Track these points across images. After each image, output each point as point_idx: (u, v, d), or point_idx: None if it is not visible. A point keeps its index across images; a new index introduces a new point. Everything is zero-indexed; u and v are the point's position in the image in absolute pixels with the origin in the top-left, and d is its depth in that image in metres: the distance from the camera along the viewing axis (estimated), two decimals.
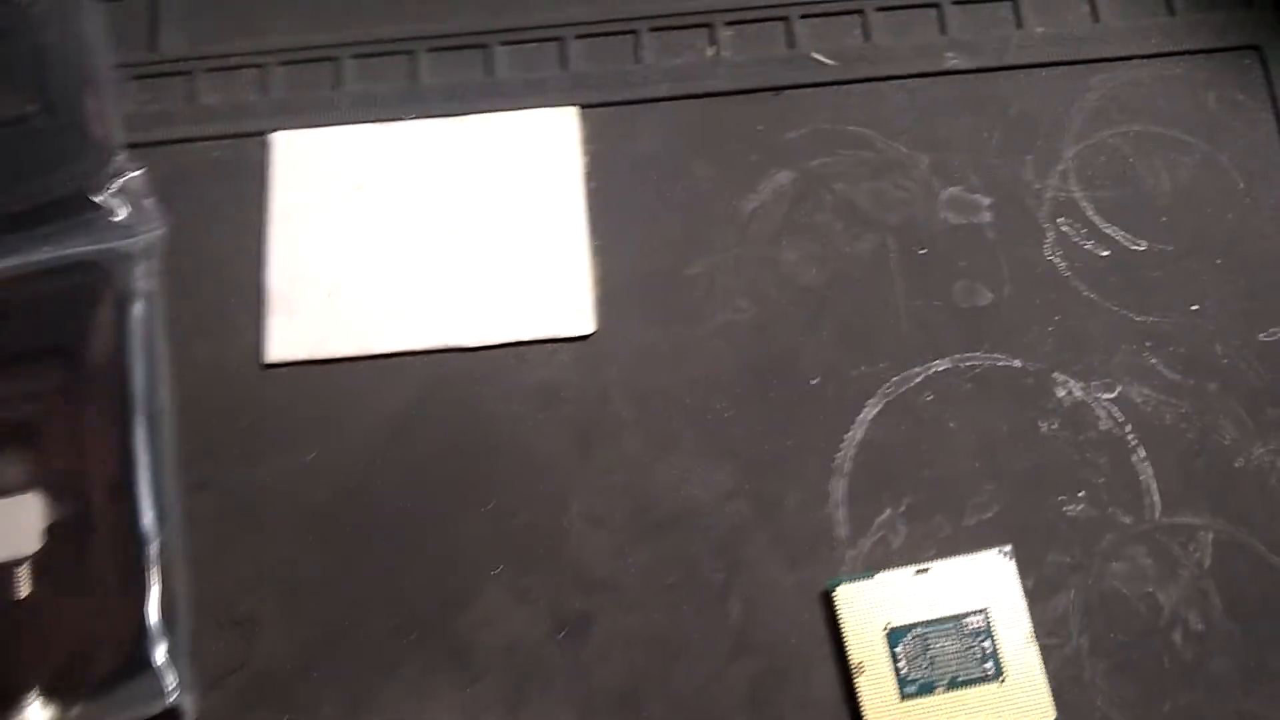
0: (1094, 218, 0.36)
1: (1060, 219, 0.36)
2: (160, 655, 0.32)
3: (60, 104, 0.36)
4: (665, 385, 0.35)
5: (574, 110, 0.38)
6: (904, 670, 0.32)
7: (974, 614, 0.32)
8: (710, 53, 0.38)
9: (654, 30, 0.39)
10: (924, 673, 0.32)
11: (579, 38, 0.39)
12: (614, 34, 0.39)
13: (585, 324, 0.36)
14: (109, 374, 0.34)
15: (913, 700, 0.32)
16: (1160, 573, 0.33)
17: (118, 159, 0.36)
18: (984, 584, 0.32)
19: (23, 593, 0.32)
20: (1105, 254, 0.36)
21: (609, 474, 0.34)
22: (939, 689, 0.32)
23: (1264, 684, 0.32)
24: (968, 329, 0.35)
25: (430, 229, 0.37)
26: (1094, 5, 0.39)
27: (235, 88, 0.39)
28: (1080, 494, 0.34)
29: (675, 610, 0.33)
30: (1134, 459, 0.34)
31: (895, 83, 0.38)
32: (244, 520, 0.34)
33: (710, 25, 0.39)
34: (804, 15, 0.39)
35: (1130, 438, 0.34)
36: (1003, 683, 0.32)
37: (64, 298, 0.35)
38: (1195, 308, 0.35)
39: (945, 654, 0.32)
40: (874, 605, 0.32)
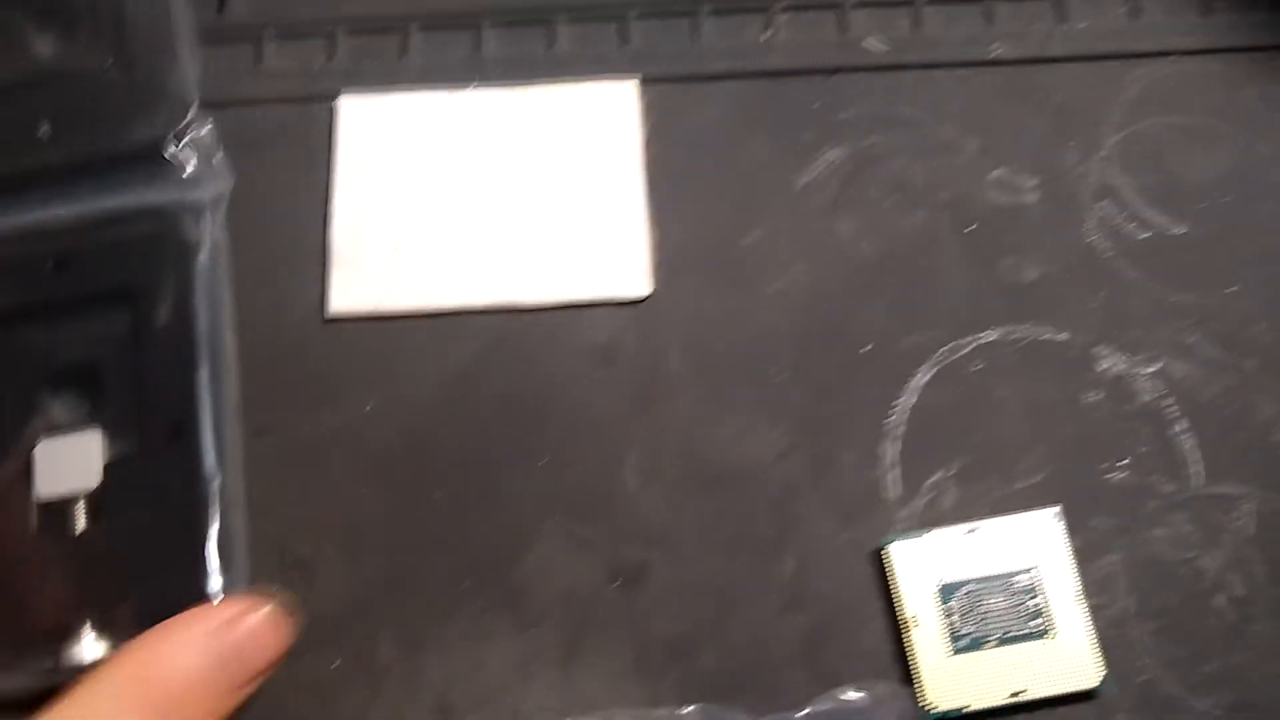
0: (1135, 202, 0.38)
1: (1102, 202, 0.38)
2: (217, 591, 0.32)
3: (139, 57, 0.36)
4: (721, 348, 0.36)
5: (634, 83, 0.39)
6: (956, 625, 0.32)
7: (1023, 572, 0.33)
8: (766, 35, 0.40)
9: (713, 14, 0.40)
10: (975, 628, 0.32)
11: (640, 17, 0.40)
12: (674, 14, 0.40)
13: (642, 287, 0.37)
14: (174, 319, 0.34)
15: (964, 655, 0.32)
16: (1203, 539, 0.34)
17: (191, 114, 0.36)
18: (1033, 543, 0.33)
19: (82, 527, 0.33)
20: (1145, 236, 0.37)
21: (664, 431, 0.35)
22: (990, 644, 0.32)
23: None
24: (1014, 303, 0.36)
25: (491, 192, 0.38)
26: (1135, 2, 0.40)
27: (302, 54, 0.40)
28: (1123, 462, 0.35)
29: (730, 563, 0.34)
30: (1175, 430, 0.35)
31: (943, 70, 0.39)
32: (305, 466, 0.35)
33: (766, 9, 0.40)
34: (857, 4, 0.40)
35: (1171, 410, 0.35)
36: (1053, 639, 0.32)
37: (131, 244, 0.35)
38: (1233, 289, 0.37)
39: (996, 610, 0.33)
40: (926, 561, 0.33)
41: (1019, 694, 0.32)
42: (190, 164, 0.36)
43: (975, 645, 0.32)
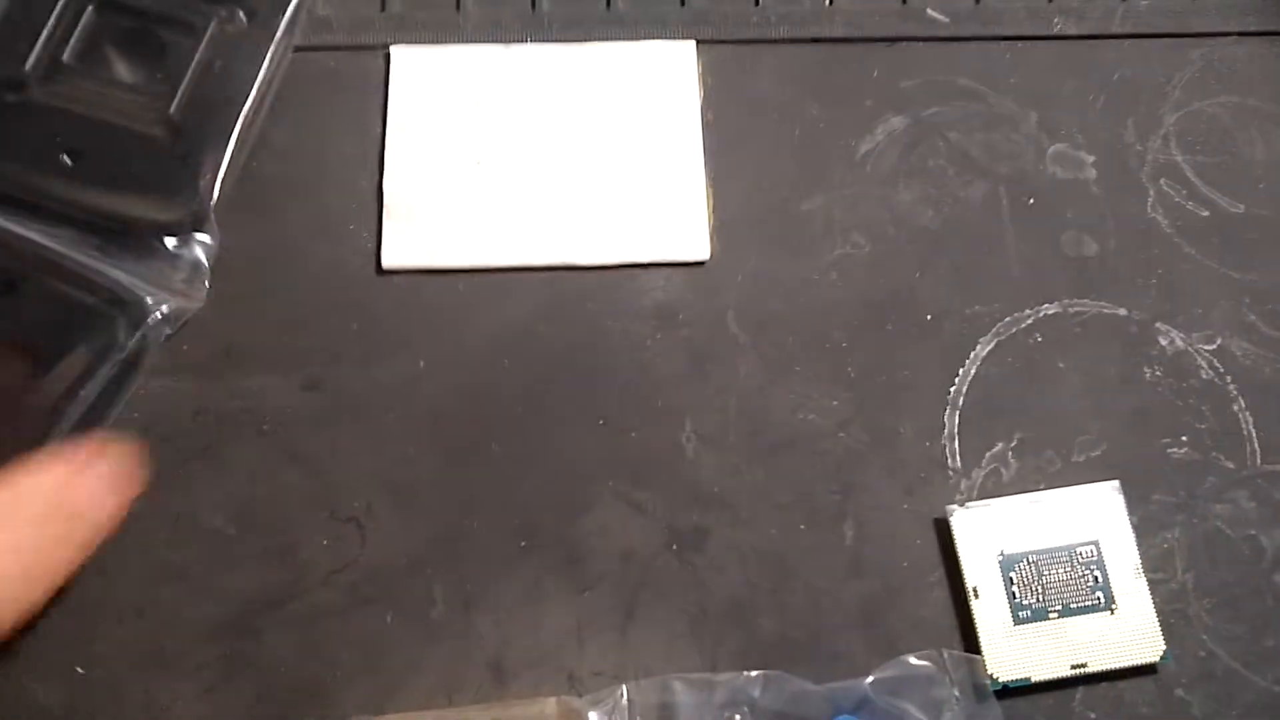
0: (1194, 180, 0.38)
1: (1162, 179, 0.38)
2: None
3: (190, 136, 0.35)
4: (781, 313, 0.36)
5: (692, 44, 0.38)
6: (1017, 596, 0.32)
7: (1085, 545, 0.33)
8: (827, 2, 0.39)
9: None
10: (1037, 599, 0.32)
11: None
12: None
13: (701, 250, 0.36)
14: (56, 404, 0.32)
15: (1026, 625, 0.32)
16: (1263, 516, 0.34)
17: (207, 222, 0.35)
18: (1094, 516, 0.33)
19: None
20: (1205, 214, 0.37)
21: (724, 395, 0.35)
22: (1051, 615, 0.32)
23: None
24: (1075, 277, 0.36)
25: (547, 150, 0.37)
26: None
27: (352, 2, 0.39)
28: (1183, 438, 0.35)
29: (790, 529, 0.33)
30: (1235, 408, 0.35)
31: (1004, 43, 0.39)
32: (357, 420, 0.34)
33: None
34: None
35: (1231, 388, 0.35)
36: (1113, 613, 0.32)
37: (72, 307, 0.33)
38: None
39: (1057, 582, 0.32)
40: (988, 532, 0.33)
41: (1080, 666, 0.32)
42: (180, 269, 0.34)
43: (1037, 617, 0.32)
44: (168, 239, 0.34)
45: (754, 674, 0.31)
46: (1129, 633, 0.32)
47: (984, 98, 0.38)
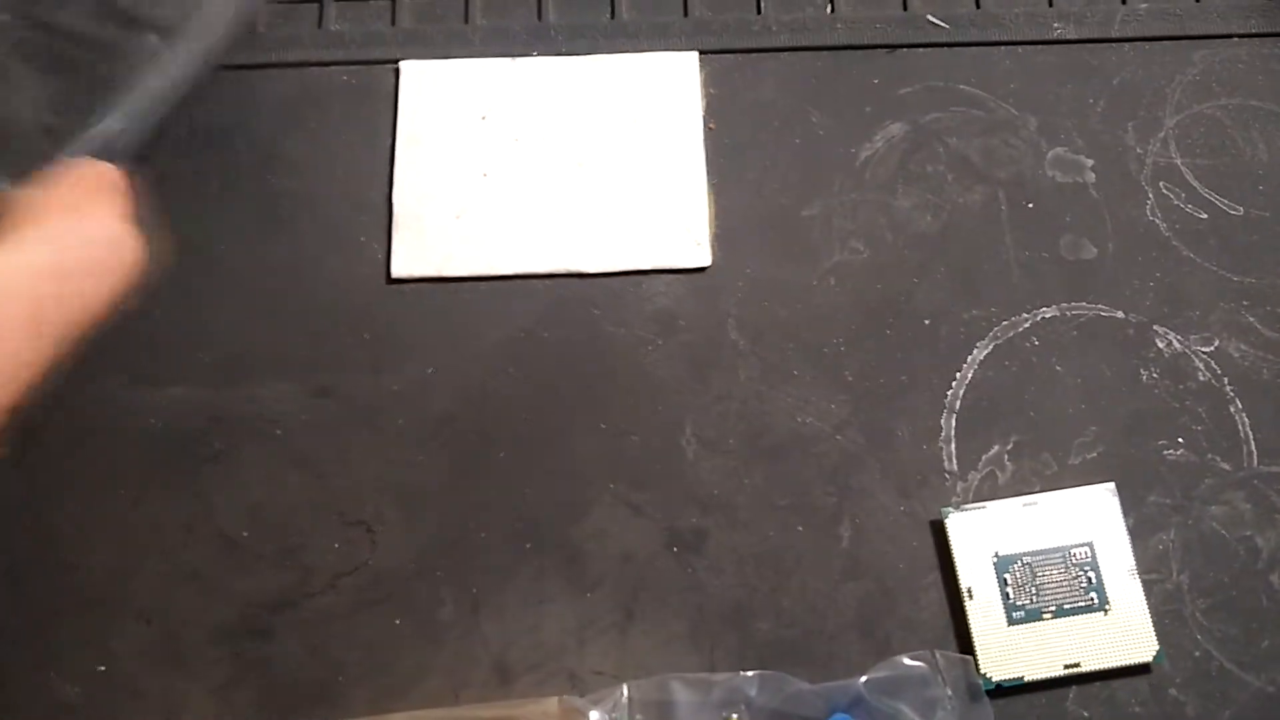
0: (1194, 183, 0.38)
1: (1161, 183, 0.38)
2: None
3: None
4: (781, 318, 0.36)
5: (694, 55, 0.39)
6: (1012, 597, 0.33)
7: (1079, 546, 0.33)
8: (828, 10, 0.40)
9: None
10: (1031, 599, 0.33)
11: None
12: None
13: (702, 256, 0.37)
14: None
15: (1020, 626, 0.32)
16: (1258, 517, 0.34)
17: None
18: (1089, 518, 0.33)
19: None
20: (1204, 217, 0.37)
21: (724, 400, 0.35)
22: (1045, 616, 0.33)
23: None
24: (1073, 280, 0.37)
25: (553, 159, 0.38)
26: None
27: (364, 17, 0.40)
28: (1180, 440, 0.35)
29: (787, 531, 0.34)
30: (1231, 410, 0.35)
31: (1004, 48, 0.40)
32: (366, 427, 0.35)
33: None
34: None
35: (1228, 390, 0.35)
36: (1107, 613, 0.33)
37: None
38: None
39: (1051, 583, 0.33)
40: (984, 533, 0.33)
41: (1074, 666, 0.32)
42: None
43: (1031, 617, 0.33)
44: None
45: (750, 674, 0.31)
46: (1122, 633, 0.32)
47: (983, 103, 0.39)
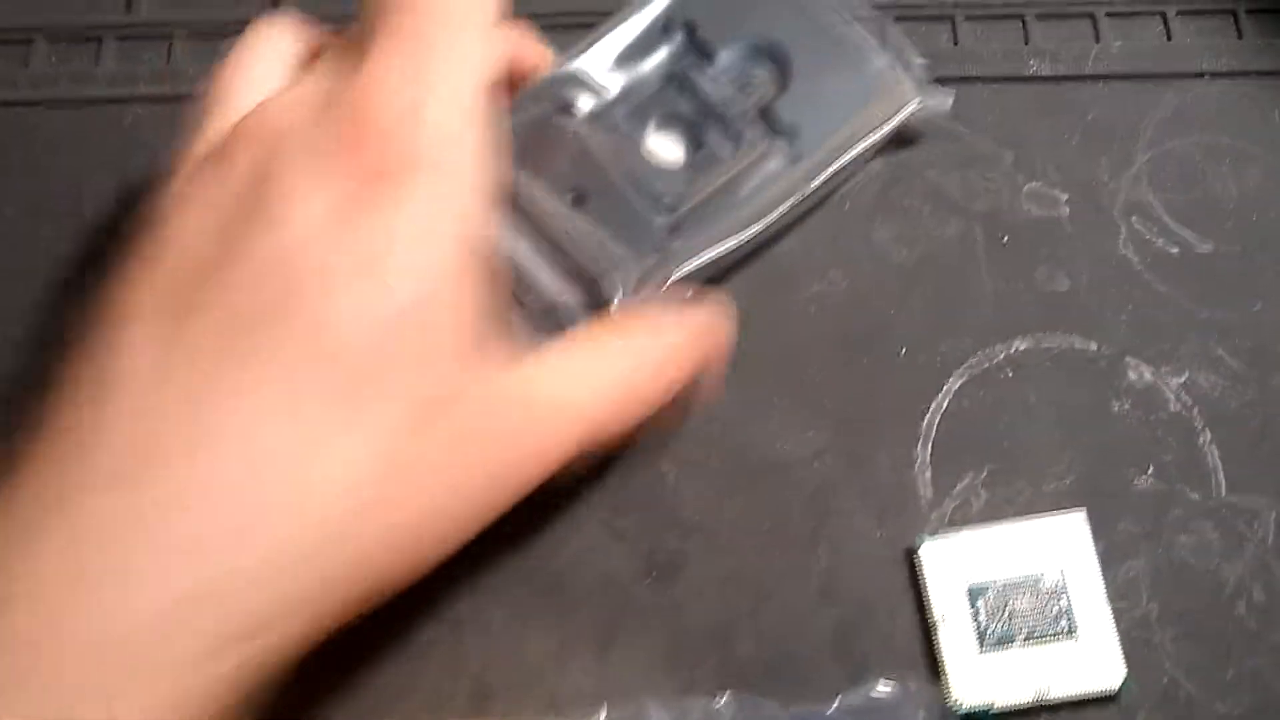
0: (1165, 218, 0.39)
1: (1133, 217, 0.39)
2: None
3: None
4: (758, 347, 0.37)
5: None
6: (983, 624, 0.33)
7: (1050, 574, 0.34)
8: None
9: None
10: (1002, 626, 0.33)
11: None
12: None
13: None
14: None
15: (991, 653, 0.33)
16: (1226, 547, 0.35)
17: None
18: (1060, 546, 0.34)
19: None
20: (1175, 251, 0.38)
21: (703, 426, 0.36)
22: (1016, 643, 0.33)
23: None
24: (1047, 312, 0.37)
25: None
26: (1167, 25, 0.41)
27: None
28: (1150, 469, 0.36)
29: (765, 556, 0.35)
30: (1201, 440, 0.36)
31: (980, 84, 0.40)
32: None
33: None
34: (896, 19, 0.41)
35: (1197, 420, 0.36)
36: (1076, 640, 0.33)
37: None
38: (1258, 306, 0.38)
39: (1022, 610, 0.33)
40: (956, 562, 0.34)
41: (1043, 693, 0.33)
42: None
43: (1001, 644, 0.33)
44: None
45: (722, 698, 0.32)
46: (1091, 660, 0.33)
47: (960, 138, 0.40)
